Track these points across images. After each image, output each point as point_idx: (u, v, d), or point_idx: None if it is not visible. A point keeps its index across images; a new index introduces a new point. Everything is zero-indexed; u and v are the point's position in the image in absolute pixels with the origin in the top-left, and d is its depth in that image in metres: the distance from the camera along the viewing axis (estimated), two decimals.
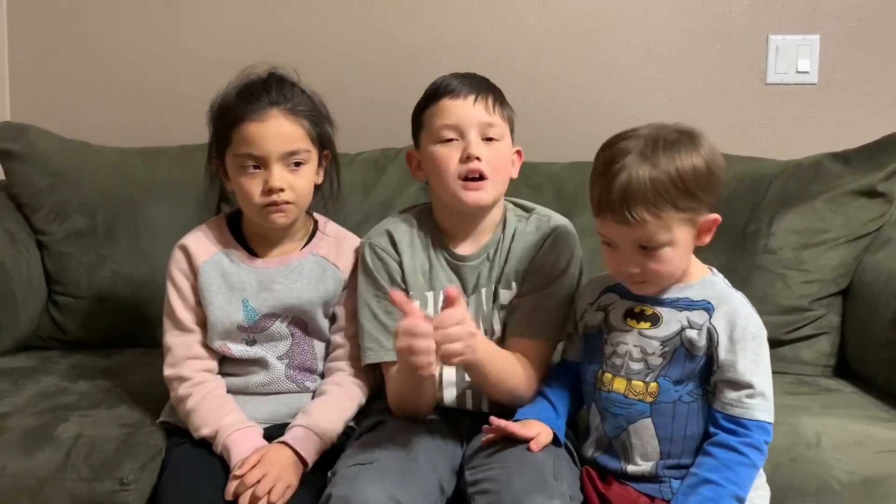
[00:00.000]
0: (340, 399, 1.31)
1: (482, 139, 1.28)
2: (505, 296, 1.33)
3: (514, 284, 1.33)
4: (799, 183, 1.64)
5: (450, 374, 1.32)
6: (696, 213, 1.11)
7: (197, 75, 1.98)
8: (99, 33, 2.07)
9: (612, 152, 1.10)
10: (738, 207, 1.64)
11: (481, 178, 1.27)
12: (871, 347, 1.53)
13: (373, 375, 1.38)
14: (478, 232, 1.35)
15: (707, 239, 1.14)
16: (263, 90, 1.30)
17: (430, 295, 1.34)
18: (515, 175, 1.36)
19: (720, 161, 1.13)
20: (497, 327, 1.34)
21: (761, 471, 1.13)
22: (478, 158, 1.27)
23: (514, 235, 1.34)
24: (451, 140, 1.29)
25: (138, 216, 1.78)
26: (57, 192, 1.80)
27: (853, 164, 1.62)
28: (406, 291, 1.32)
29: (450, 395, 1.33)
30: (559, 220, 1.36)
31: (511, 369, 1.25)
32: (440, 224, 1.37)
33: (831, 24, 1.89)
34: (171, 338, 1.34)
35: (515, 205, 1.40)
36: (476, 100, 1.29)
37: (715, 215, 1.13)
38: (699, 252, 1.18)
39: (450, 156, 1.28)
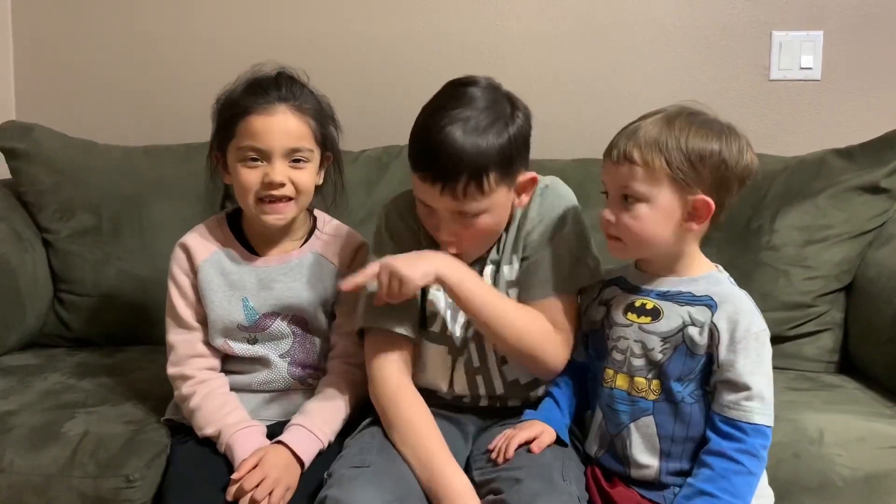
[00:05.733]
0: (338, 398, 1.30)
1: (458, 216, 1.19)
2: (508, 272, 1.27)
3: (514, 258, 1.27)
4: (802, 179, 1.64)
5: (460, 375, 1.29)
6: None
7: (202, 73, 1.98)
8: (104, 32, 2.08)
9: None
10: (742, 204, 1.61)
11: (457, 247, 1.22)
12: (873, 344, 1.53)
13: None
14: None
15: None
16: (273, 85, 1.29)
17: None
18: (523, 205, 1.26)
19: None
20: None
21: (763, 475, 1.12)
22: (451, 243, 1.21)
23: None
24: (428, 207, 1.21)
25: (143, 214, 1.79)
26: (62, 191, 1.80)
27: (856, 161, 1.62)
28: None
29: (460, 382, 1.29)
30: (541, 182, 1.26)
31: (519, 319, 1.20)
32: None
33: (835, 21, 1.88)
34: (174, 336, 1.34)
35: None
36: (443, 189, 1.15)
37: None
38: (703, 248, 1.18)
39: (428, 220, 1.23)
